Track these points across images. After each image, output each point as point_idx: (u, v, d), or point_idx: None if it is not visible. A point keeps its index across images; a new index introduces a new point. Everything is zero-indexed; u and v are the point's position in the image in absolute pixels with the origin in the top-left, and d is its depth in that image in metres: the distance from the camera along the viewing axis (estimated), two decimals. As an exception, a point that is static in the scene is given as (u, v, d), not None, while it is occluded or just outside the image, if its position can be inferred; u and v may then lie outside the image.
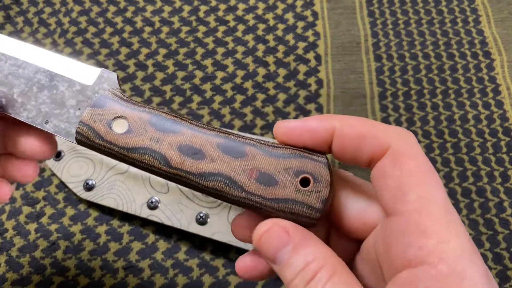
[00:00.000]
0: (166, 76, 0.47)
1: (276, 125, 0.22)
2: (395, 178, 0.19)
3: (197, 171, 0.21)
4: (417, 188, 0.19)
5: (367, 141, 0.20)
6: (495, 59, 0.47)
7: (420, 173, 0.19)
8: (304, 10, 0.51)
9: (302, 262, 0.19)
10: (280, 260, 0.20)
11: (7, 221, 0.40)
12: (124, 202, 0.38)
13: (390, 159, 0.20)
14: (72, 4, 0.52)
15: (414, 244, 0.18)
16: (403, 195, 0.19)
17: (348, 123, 0.21)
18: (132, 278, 0.38)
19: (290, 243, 0.20)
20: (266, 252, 0.20)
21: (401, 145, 0.20)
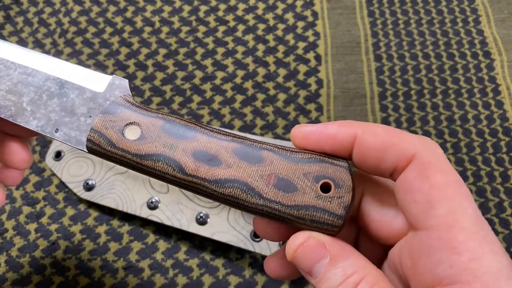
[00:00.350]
0: (166, 76, 0.47)
1: (294, 129, 0.21)
2: (423, 192, 0.18)
3: (213, 177, 0.21)
4: (447, 202, 0.18)
5: (390, 150, 0.19)
6: (495, 59, 0.47)
7: (449, 187, 0.18)
8: (304, 10, 0.51)
9: (341, 275, 0.19)
10: (317, 273, 0.19)
11: (7, 221, 0.40)
12: (124, 202, 0.38)
13: (416, 171, 0.19)
14: (72, 4, 0.52)
15: (445, 262, 0.17)
16: (432, 209, 0.18)
17: (371, 131, 0.20)
18: (132, 278, 0.38)
19: (327, 256, 0.19)
20: (301, 265, 0.20)
21: (427, 157, 0.19)
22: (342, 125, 0.21)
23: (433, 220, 0.18)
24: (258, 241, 0.36)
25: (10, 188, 0.42)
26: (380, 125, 0.20)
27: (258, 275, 0.37)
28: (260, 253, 0.36)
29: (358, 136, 0.20)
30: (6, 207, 0.41)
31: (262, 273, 0.38)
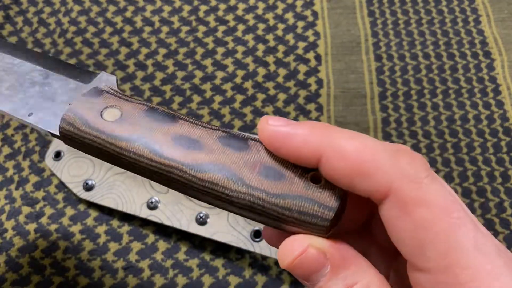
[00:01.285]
0: (166, 76, 0.47)
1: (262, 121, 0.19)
2: (409, 233, 0.17)
3: (192, 161, 0.19)
4: (440, 241, 0.16)
5: (361, 181, 0.17)
6: (495, 59, 0.47)
7: (438, 222, 0.16)
8: (304, 10, 0.51)
9: (342, 285, 0.18)
10: (316, 281, 0.18)
11: (7, 221, 0.40)
12: (123, 202, 0.38)
13: (397, 207, 0.17)
14: (71, 4, 0.52)
15: None
16: (424, 251, 0.16)
17: (339, 153, 0.17)
18: (131, 278, 0.38)
19: (327, 265, 0.18)
20: (299, 275, 0.18)
21: (406, 189, 0.16)
22: (309, 135, 0.18)
23: (428, 263, 0.16)
24: (258, 241, 0.36)
25: (9, 188, 0.42)
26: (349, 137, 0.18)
27: (258, 275, 0.37)
28: (260, 253, 0.36)
29: (324, 156, 0.17)
30: (6, 207, 0.41)
31: (262, 273, 0.37)
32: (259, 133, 0.19)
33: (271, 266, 0.38)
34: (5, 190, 0.42)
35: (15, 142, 0.44)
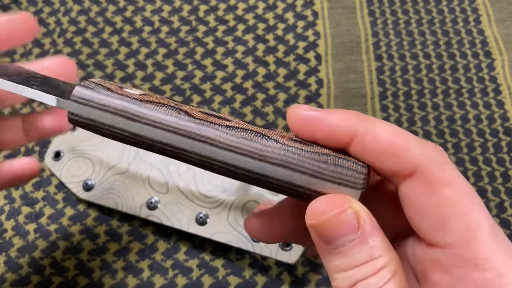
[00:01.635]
0: (166, 76, 0.47)
1: (292, 109, 0.19)
2: (434, 209, 0.18)
3: (223, 123, 0.19)
4: (461, 218, 0.17)
5: (390, 159, 0.18)
6: (495, 59, 0.47)
7: (461, 201, 0.17)
8: (304, 10, 0.51)
9: (367, 255, 0.17)
10: (339, 245, 0.17)
11: (6, 221, 0.40)
12: (123, 202, 0.38)
13: (422, 185, 0.18)
14: (71, 3, 0.52)
15: (467, 279, 0.17)
16: (446, 227, 0.17)
17: (373, 133, 0.18)
18: (131, 278, 0.38)
19: (357, 231, 0.17)
20: (323, 234, 0.18)
21: (433, 170, 0.18)
22: (343, 118, 0.19)
23: (449, 238, 0.17)
24: (258, 242, 0.36)
25: (9, 188, 0.42)
26: (384, 124, 0.19)
27: (258, 276, 0.37)
28: (260, 254, 0.36)
29: (358, 137, 0.18)
30: (5, 207, 0.41)
31: (262, 274, 0.37)
32: (289, 119, 0.19)
33: (271, 266, 0.38)
34: (5, 190, 0.42)
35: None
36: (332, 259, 0.18)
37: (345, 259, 0.17)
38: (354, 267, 0.17)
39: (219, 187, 0.38)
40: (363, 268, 0.17)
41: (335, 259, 0.18)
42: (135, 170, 0.39)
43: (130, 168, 0.39)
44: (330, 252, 0.18)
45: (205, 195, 0.37)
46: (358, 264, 0.17)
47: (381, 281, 0.17)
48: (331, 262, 0.18)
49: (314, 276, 0.37)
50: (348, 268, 0.17)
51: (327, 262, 0.18)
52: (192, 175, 0.38)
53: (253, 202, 0.37)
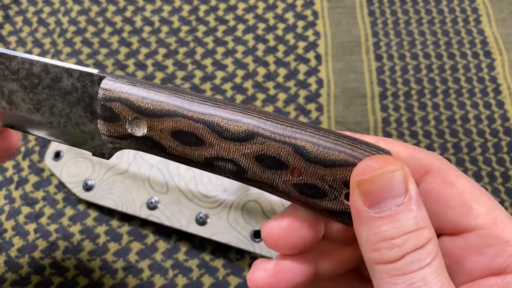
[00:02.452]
0: (166, 76, 0.47)
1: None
2: (456, 197, 0.19)
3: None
4: (481, 202, 0.19)
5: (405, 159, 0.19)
6: (495, 59, 0.47)
7: (475, 189, 0.19)
8: (304, 10, 0.51)
9: (414, 223, 0.16)
10: (385, 208, 0.17)
11: (6, 222, 0.40)
12: (123, 202, 0.38)
13: (440, 179, 0.19)
14: (71, 3, 0.52)
15: (502, 254, 0.18)
16: (471, 210, 0.19)
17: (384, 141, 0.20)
18: (131, 278, 0.38)
19: (405, 195, 0.17)
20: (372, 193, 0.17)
21: (444, 167, 0.20)
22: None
23: (476, 220, 0.19)
24: (258, 242, 0.36)
25: (9, 188, 0.42)
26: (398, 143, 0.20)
27: (258, 276, 0.37)
28: (260, 254, 0.36)
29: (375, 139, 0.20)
30: (5, 207, 0.41)
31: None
32: None
33: (271, 266, 0.38)
34: (5, 190, 0.42)
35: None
36: (376, 224, 0.17)
37: (392, 224, 0.16)
38: (402, 234, 0.16)
39: (219, 187, 0.38)
40: (411, 237, 0.16)
41: (380, 225, 0.17)
42: (135, 170, 0.39)
43: (130, 168, 0.39)
44: (374, 217, 0.17)
45: (205, 195, 0.37)
46: (406, 231, 0.16)
47: (429, 256, 0.16)
48: (375, 229, 0.17)
49: (314, 276, 0.37)
50: (396, 234, 0.16)
51: (369, 230, 0.17)
52: (192, 175, 0.38)
53: (253, 202, 0.37)
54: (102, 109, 0.21)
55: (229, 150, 0.19)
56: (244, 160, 0.19)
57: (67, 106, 0.22)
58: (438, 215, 0.19)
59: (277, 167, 0.19)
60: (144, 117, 0.20)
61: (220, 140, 0.19)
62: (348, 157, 0.18)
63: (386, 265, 0.17)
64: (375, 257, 0.17)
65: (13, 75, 0.23)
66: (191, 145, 0.20)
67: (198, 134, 0.20)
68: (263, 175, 0.19)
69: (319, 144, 0.18)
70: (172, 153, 0.21)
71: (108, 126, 0.21)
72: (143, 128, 0.20)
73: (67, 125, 0.22)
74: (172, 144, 0.20)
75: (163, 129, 0.20)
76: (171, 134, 0.20)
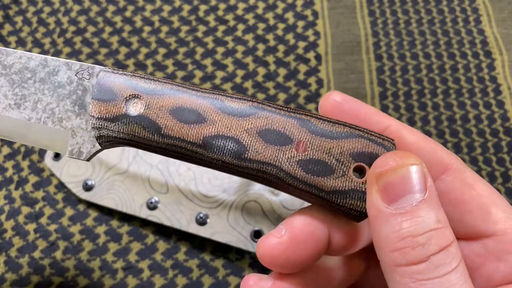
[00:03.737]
0: (166, 75, 0.47)
1: (327, 95, 0.20)
2: (474, 199, 0.18)
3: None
4: (500, 207, 0.18)
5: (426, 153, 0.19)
6: (496, 59, 0.47)
7: (493, 193, 0.18)
8: (304, 10, 0.50)
9: (435, 221, 0.16)
10: (405, 204, 0.16)
11: (6, 222, 0.40)
12: (123, 202, 0.38)
13: (459, 180, 0.18)
14: (71, 3, 0.52)
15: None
16: (489, 215, 0.18)
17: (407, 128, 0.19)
18: (131, 278, 0.38)
19: (424, 192, 0.16)
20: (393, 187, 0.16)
21: (463, 167, 0.19)
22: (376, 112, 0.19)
23: (495, 226, 0.18)
24: (258, 242, 0.36)
25: (9, 188, 0.42)
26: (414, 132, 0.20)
27: (258, 276, 0.37)
28: (260, 254, 0.36)
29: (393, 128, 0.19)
30: (5, 207, 0.41)
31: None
32: (322, 105, 0.20)
33: (271, 266, 0.38)
34: (5, 190, 0.42)
35: (15, 142, 0.44)
36: (397, 221, 0.15)
37: (413, 221, 0.15)
38: (424, 232, 0.15)
39: (219, 187, 0.38)
40: (434, 236, 0.15)
41: (401, 221, 0.15)
42: (135, 170, 0.39)
43: (130, 168, 0.39)
44: (393, 213, 0.16)
45: (205, 195, 0.37)
46: (428, 229, 0.15)
47: (454, 260, 0.15)
48: (396, 226, 0.16)
49: (314, 276, 0.37)
50: (419, 232, 0.15)
51: (389, 227, 0.16)
52: (192, 175, 0.38)
53: (253, 202, 0.37)
54: (98, 88, 0.21)
55: (231, 127, 0.19)
56: (246, 136, 0.19)
57: (55, 100, 0.22)
58: (454, 218, 0.19)
59: (281, 143, 0.18)
60: (144, 94, 0.20)
61: (222, 116, 0.19)
62: (354, 130, 0.18)
63: (410, 267, 0.15)
64: (396, 258, 0.15)
65: (4, 70, 0.22)
66: (190, 123, 0.19)
67: (200, 110, 0.19)
68: (265, 152, 0.18)
69: (324, 119, 0.19)
70: (167, 133, 0.20)
71: (101, 106, 0.21)
72: (139, 107, 0.20)
73: (47, 121, 0.22)
74: (169, 123, 0.20)
75: (163, 106, 0.20)
76: (170, 111, 0.20)
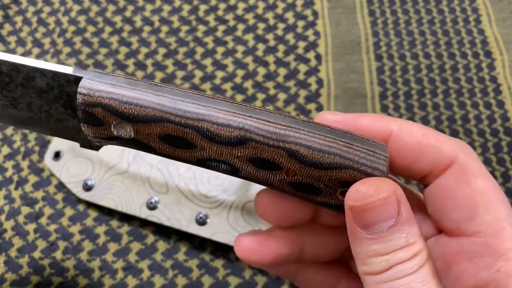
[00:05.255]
0: (166, 75, 0.47)
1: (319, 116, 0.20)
2: (466, 198, 0.18)
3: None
4: (490, 208, 0.18)
5: (428, 152, 0.18)
6: (496, 59, 0.47)
7: (491, 193, 0.18)
8: (304, 10, 0.50)
9: (404, 241, 0.17)
10: (378, 230, 0.17)
11: (6, 222, 0.40)
12: (123, 203, 0.38)
13: (456, 176, 0.18)
14: (71, 3, 0.52)
15: (491, 267, 0.17)
16: (476, 216, 0.18)
17: (407, 129, 0.19)
18: (131, 278, 0.38)
19: (397, 216, 0.17)
20: (365, 218, 0.17)
21: (467, 161, 0.18)
22: (376, 119, 0.19)
23: (478, 227, 0.18)
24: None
25: (9, 188, 0.42)
26: (414, 123, 0.19)
27: (258, 276, 0.37)
28: (260, 254, 0.36)
29: (393, 134, 0.19)
30: (5, 207, 0.41)
31: (262, 274, 0.37)
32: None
33: (271, 266, 0.38)
34: (5, 190, 0.42)
35: (14, 142, 0.44)
36: (368, 244, 0.17)
37: (382, 244, 0.17)
38: (391, 252, 0.17)
39: (219, 187, 0.38)
40: (399, 253, 0.17)
41: (371, 244, 0.17)
42: (135, 170, 0.39)
43: (130, 168, 0.39)
44: (365, 238, 0.17)
45: (205, 195, 0.37)
46: (395, 249, 0.17)
47: (416, 265, 0.17)
48: (367, 248, 0.18)
49: (314, 276, 0.37)
50: (386, 252, 0.17)
51: (361, 247, 0.18)
52: (192, 175, 0.38)
53: (253, 203, 0.37)
54: (83, 114, 0.20)
55: (222, 153, 0.19)
56: (238, 161, 0.19)
57: (45, 103, 0.21)
58: (441, 212, 0.19)
59: (271, 168, 0.19)
60: (129, 122, 0.19)
61: (211, 144, 0.19)
62: (344, 160, 0.18)
63: (374, 276, 0.17)
64: (365, 269, 0.18)
65: None
66: (181, 147, 0.19)
67: (188, 138, 0.19)
68: (257, 174, 0.19)
69: (314, 148, 0.18)
70: (163, 153, 0.20)
71: (92, 129, 0.20)
72: (129, 131, 0.20)
73: (49, 120, 0.21)
74: (161, 147, 0.20)
75: (151, 133, 0.19)
76: (159, 137, 0.19)
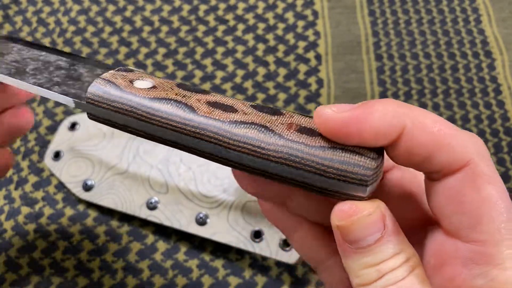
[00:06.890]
0: (166, 75, 0.47)
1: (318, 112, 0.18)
2: (472, 205, 0.17)
3: (228, 119, 0.19)
4: (496, 219, 0.17)
5: (442, 151, 0.18)
6: (496, 59, 0.47)
7: (499, 201, 0.17)
8: (304, 9, 0.50)
9: (391, 252, 0.18)
10: (365, 244, 0.18)
11: (6, 222, 0.40)
12: (123, 203, 0.38)
13: (467, 181, 0.18)
14: (71, 3, 0.52)
15: (486, 276, 0.17)
16: (479, 225, 0.17)
17: (421, 124, 0.17)
18: (131, 278, 0.38)
19: (383, 230, 0.18)
20: (352, 235, 0.18)
21: (480, 167, 0.17)
22: (386, 114, 0.17)
23: (478, 236, 0.17)
24: (258, 242, 0.36)
25: (8, 188, 0.42)
26: (429, 114, 0.18)
27: (258, 276, 0.37)
28: (260, 254, 0.36)
29: (407, 131, 0.18)
30: (5, 207, 0.41)
31: (262, 274, 0.37)
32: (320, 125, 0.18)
33: (271, 266, 0.38)
34: (4, 190, 0.42)
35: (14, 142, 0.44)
36: (358, 257, 0.18)
37: (372, 256, 0.18)
38: (379, 263, 0.18)
39: (219, 187, 0.38)
40: (389, 262, 0.18)
41: (361, 257, 0.18)
42: (135, 170, 0.39)
43: (130, 168, 0.39)
44: (354, 252, 0.18)
45: (205, 195, 0.37)
46: (385, 259, 0.18)
47: (405, 271, 0.18)
48: (357, 261, 0.18)
49: (314, 276, 0.37)
50: (376, 263, 0.18)
51: (352, 262, 0.18)
52: (192, 175, 0.38)
53: (253, 202, 0.37)
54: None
55: None
56: None
57: None
58: (443, 212, 0.18)
59: None
60: None
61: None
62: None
63: (368, 286, 0.18)
64: (358, 281, 0.18)
65: None
66: None
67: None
68: None
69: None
70: None
71: None
72: None
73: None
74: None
75: None
76: None
